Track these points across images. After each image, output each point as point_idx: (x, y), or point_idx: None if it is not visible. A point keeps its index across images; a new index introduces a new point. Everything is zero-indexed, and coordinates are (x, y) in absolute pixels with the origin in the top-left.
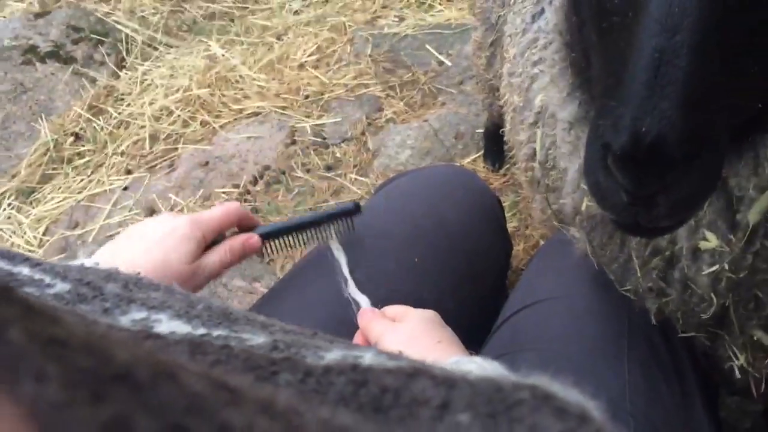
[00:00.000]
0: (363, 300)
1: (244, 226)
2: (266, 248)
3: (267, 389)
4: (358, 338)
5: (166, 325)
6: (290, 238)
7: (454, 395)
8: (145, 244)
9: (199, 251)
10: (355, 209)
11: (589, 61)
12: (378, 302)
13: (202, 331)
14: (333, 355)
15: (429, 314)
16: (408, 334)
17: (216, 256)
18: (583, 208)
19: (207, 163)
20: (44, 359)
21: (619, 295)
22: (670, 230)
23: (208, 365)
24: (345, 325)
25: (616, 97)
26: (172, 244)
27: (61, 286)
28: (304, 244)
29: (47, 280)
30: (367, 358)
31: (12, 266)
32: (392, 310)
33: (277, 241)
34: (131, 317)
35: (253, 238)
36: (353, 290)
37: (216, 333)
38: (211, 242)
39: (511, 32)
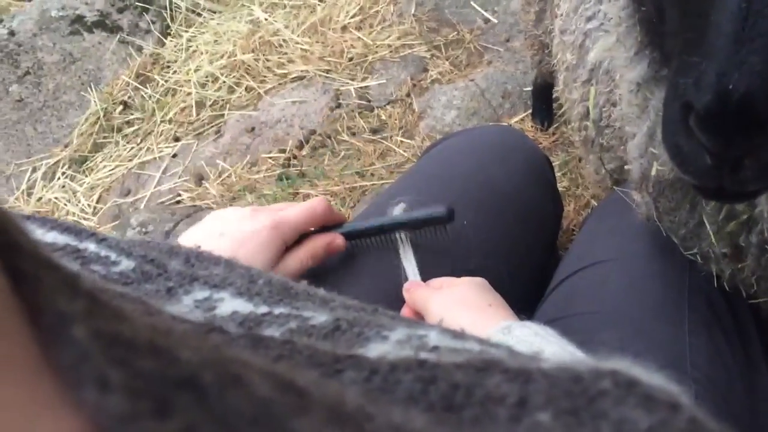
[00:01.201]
0: (412, 273)
1: (328, 223)
2: (348, 248)
3: (334, 388)
4: (404, 312)
5: (229, 304)
6: (374, 239)
7: (531, 390)
8: (226, 244)
9: (280, 256)
10: (447, 217)
11: (662, 15)
12: (425, 266)
13: (263, 309)
14: (397, 334)
15: (478, 280)
16: (457, 297)
17: (296, 260)
18: (653, 173)
19: (253, 128)
20: (108, 362)
21: (679, 256)
22: (756, 195)
23: (271, 361)
24: (393, 299)
25: (698, 53)
26: (253, 249)
27: (126, 264)
28: (389, 246)
29: (113, 257)
30: (432, 337)
31: (78, 242)
32: (438, 281)
33: (360, 242)
34: (194, 297)
35: (338, 239)
36: (409, 265)
37: (278, 311)
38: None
39: None
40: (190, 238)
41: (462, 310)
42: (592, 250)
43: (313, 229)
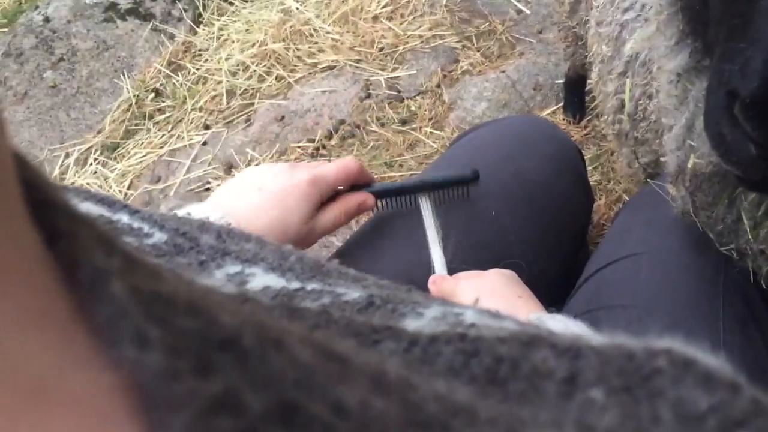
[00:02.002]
0: (439, 266)
1: (359, 182)
2: (377, 207)
3: (375, 357)
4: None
5: (261, 279)
6: (403, 199)
7: (581, 366)
8: (265, 198)
9: (315, 211)
10: (473, 177)
11: (705, 2)
12: (452, 257)
13: (296, 284)
14: (432, 311)
15: (506, 272)
16: (486, 287)
17: (330, 216)
18: (690, 165)
19: (283, 117)
20: (147, 319)
21: (714, 250)
22: None
23: (307, 329)
24: (418, 287)
25: (744, 39)
26: (292, 203)
27: (159, 236)
28: (416, 206)
29: (146, 229)
30: (469, 315)
31: (112, 213)
32: (464, 274)
33: (388, 201)
34: (226, 271)
35: (369, 199)
36: (436, 256)
37: (310, 287)
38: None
39: None
40: (225, 190)
41: (491, 300)
42: (625, 243)
43: (342, 187)
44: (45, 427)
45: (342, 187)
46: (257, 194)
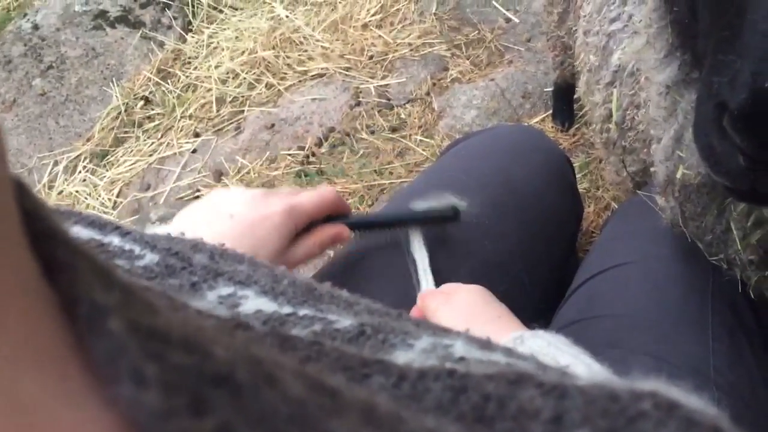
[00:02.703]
0: (422, 269)
1: (336, 212)
2: (356, 239)
3: (364, 392)
4: (413, 313)
5: (253, 302)
6: (380, 232)
7: (567, 406)
8: (235, 227)
9: (288, 242)
10: (453, 216)
11: (695, 15)
12: (445, 268)
13: (287, 309)
14: (422, 343)
15: (480, 288)
16: (465, 309)
17: (304, 249)
18: (679, 176)
19: (273, 125)
20: (144, 356)
21: (702, 259)
22: None
23: (298, 362)
24: (409, 301)
25: (733, 51)
26: (264, 234)
27: (150, 257)
28: (396, 239)
29: (137, 250)
30: (458, 347)
31: (103, 236)
32: (447, 287)
33: (365, 233)
34: (218, 293)
35: (345, 231)
36: (422, 273)
37: (302, 312)
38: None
39: None
40: (191, 214)
41: (471, 324)
42: (614, 253)
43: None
44: None
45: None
46: (228, 222)
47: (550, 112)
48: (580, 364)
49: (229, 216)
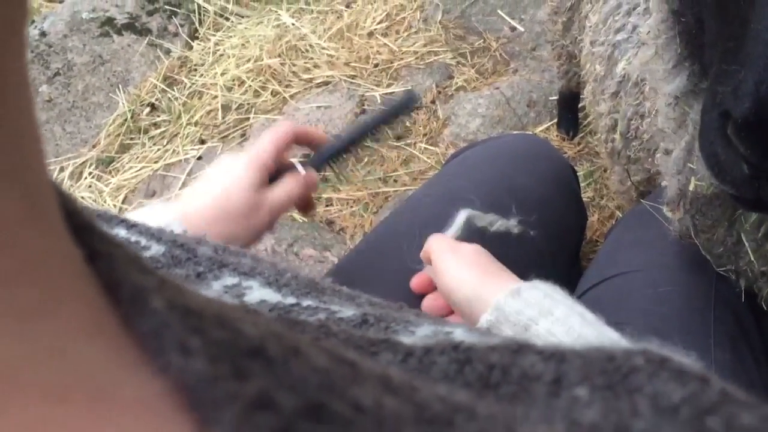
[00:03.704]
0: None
1: (307, 142)
2: (331, 168)
3: (378, 364)
4: (414, 282)
5: (258, 292)
6: (352, 150)
7: (566, 369)
8: (209, 179)
9: (262, 180)
10: (415, 99)
11: (702, 26)
12: None
13: (291, 300)
14: (423, 330)
15: (484, 250)
16: (471, 259)
17: (285, 186)
18: (691, 188)
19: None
20: (186, 331)
21: (705, 268)
22: None
23: (308, 340)
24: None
25: (736, 61)
26: (234, 173)
27: (156, 248)
28: (367, 146)
29: (143, 242)
30: (458, 334)
31: (109, 228)
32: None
33: (338, 161)
34: (223, 282)
35: (310, 176)
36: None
37: (305, 303)
38: (276, 172)
39: None
40: (182, 196)
41: (475, 273)
42: (617, 261)
43: (295, 160)
44: (113, 425)
45: (296, 161)
46: (199, 184)
47: (555, 120)
48: (574, 315)
49: (200, 181)
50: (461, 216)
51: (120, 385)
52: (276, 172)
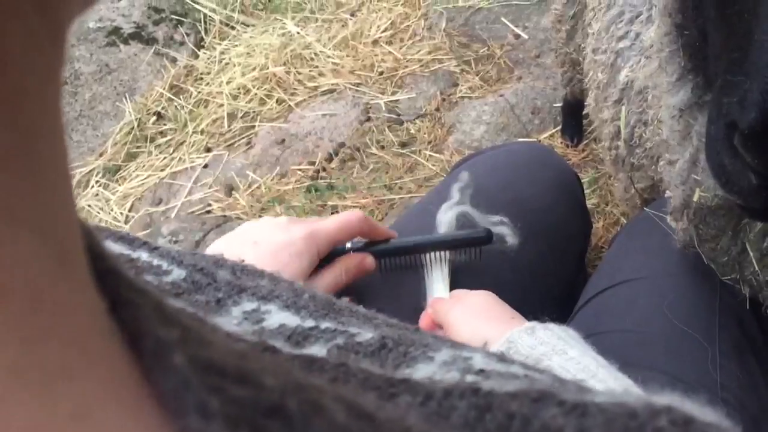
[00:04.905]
0: (437, 288)
1: (368, 236)
2: (381, 265)
3: (397, 411)
4: (423, 320)
5: (277, 316)
6: (409, 258)
7: (588, 425)
8: (258, 254)
9: (313, 267)
10: (486, 239)
11: (705, 39)
12: (454, 283)
13: (310, 323)
14: (442, 355)
15: (491, 294)
16: (478, 308)
17: (330, 277)
18: (695, 198)
19: (283, 140)
20: (207, 389)
21: (709, 275)
22: None
23: (327, 383)
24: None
25: (742, 72)
26: (286, 259)
27: (177, 273)
28: (422, 266)
29: (165, 266)
30: (477, 360)
31: (132, 251)
32: (456, 293)
33: (394, 260)
34: (242, 308)
35: (368, 259)
36: (435, 285)
37: (324, 325)
38: (326, 255)
39: (594, 5)
40: (221, 246)
41: (485, 320)
42: (622, 269)
43: (349, 244)
44: None
45: (350, 246)
46: (251, 249)
47: (560, 127)
48: (588, 357)
49: (252, 243)
50: (442, 271)
51: None
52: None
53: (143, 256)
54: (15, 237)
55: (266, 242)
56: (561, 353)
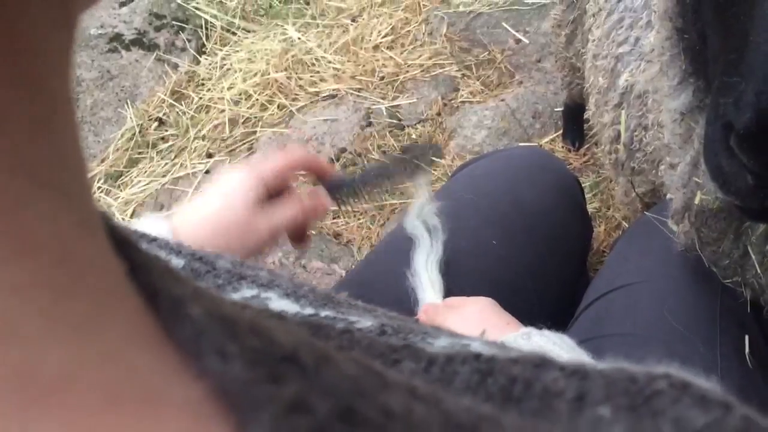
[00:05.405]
0: (428, 295)
1: (316, 173)
2: (341, 202)
3: (402, 375)
4: None
5: (277, 303)
6: (365, 189)
7: (589, 387)
8: (206, 194)
9: (261, 198)
10: (438, 151)
11: (705, 43)
12: (455, 286)
13: (309, 311)
14: (441, 341)
15: (489, 300)
16: (475, 316)
17: (286, 211)
18: (697, 201)
19: (285, 146)
20: (223, 336)
21: (711, 278)
22: None
23: (333, 349)
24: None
25: (737, 73)
26: (230, 189)
27: (176, 261)
28: (380, 195)
29: (163, 255)
30: (476, 346)
31: None
32: (451, 301)
33: (351, 195)
34: (242, 294)
35: (322, 200)
36: (423, 285)
37: (324, 313)
38: (276, 194)
39: (593, 11)
40: (181, 210)
41: (482, 327)
42: (623, 272)
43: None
44: (163, 427)
45: (298, 182)
46: (208, 197)
47: (561, 132)
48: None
49: (205, 192)
50: (428, 275)
51: (168, 388)
52: (277, 193)
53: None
54: (40, 196)
55: (210, 187)
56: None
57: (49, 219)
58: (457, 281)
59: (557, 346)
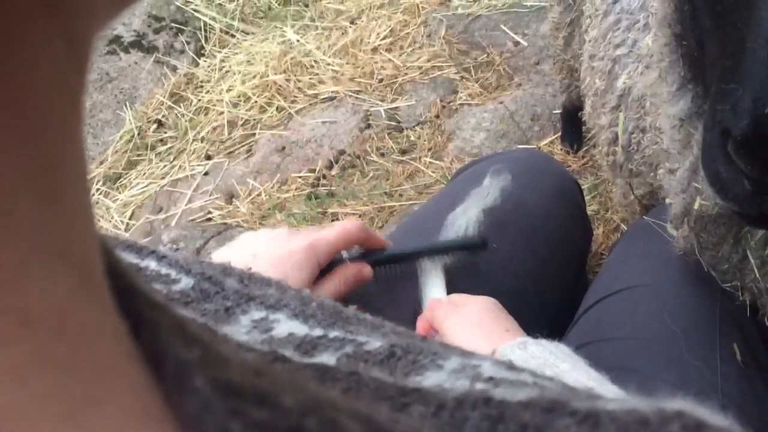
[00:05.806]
0: (434, 291)
1: (365, 245)
2: (378, 274)
3: (411, 423)
4: (420, 323)
5: (285, 325)
6: (405, 266)
7: None
8: (259, 266)
9: (313, 278)
10: (481, 245)
11: (703, 49)
12: (453, 285)
13: (318, 332)
14: (451, 363)
15: (492, 300)
16: (474, 319)
17: (329, 287)
18: (696, 206)
19: (283, 148)
20: (228, 414)
21: (710, 281)
22: None
23: (340, 393)
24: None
25: (734, 79)
26: (286, 271)
27: (185, 281)
28: (418, 272)
29: (173, 274)
30: (486, 368)
31: (140, 260)
32: (455, 298)
33: (390, 267)
34: (251, 317)
35: (365, 270)
36: (437, 289)
37: (332, 334)
38: (326, 265)
39: (590, 13)
40: (222, 257)
41: (479, 334)
42: (622, 276)
43: (346, 253)
44: None
45: (346, 255)
46: (252, 261)
47: (559, 134)
48: (579, 371)
49: (252, 255)
50: (436, 278)
51: None
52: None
53: (152, 265)
54: (41, 264)
55: (266, 254)
56: (552, 367)
57: (48, 289)
58: (456, 283)
59: (553, 355)
